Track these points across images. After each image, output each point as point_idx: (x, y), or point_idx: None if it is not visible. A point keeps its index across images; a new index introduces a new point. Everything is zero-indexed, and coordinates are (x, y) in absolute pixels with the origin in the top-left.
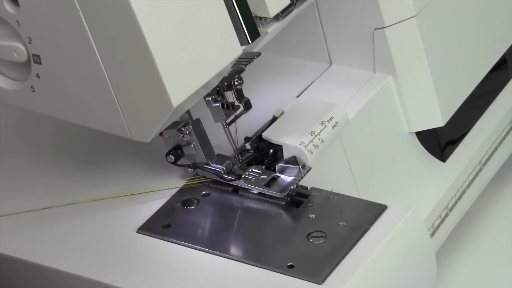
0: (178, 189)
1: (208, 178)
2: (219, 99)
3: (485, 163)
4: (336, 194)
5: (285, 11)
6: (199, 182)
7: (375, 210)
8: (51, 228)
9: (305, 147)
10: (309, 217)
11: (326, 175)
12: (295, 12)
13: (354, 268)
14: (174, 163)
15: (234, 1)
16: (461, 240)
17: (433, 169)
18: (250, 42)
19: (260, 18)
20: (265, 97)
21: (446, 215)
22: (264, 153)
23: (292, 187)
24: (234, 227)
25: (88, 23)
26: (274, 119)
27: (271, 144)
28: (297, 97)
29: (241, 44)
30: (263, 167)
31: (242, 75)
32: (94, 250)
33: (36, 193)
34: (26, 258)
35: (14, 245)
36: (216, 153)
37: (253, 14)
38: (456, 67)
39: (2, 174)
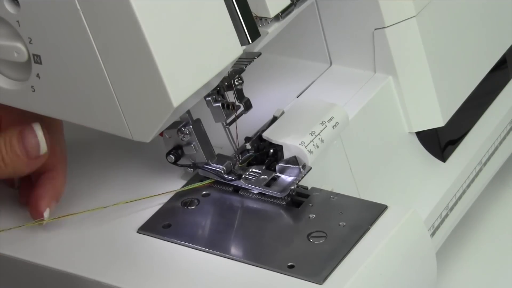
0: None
1: (210, 180)
2: (219, 99)
3: (485, 163)
4: (337, 194)
5: (286, 11)
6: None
7: (375, 210)
8: (51, 228)
9: (306, 147)
10: (309, 217)
11: (327, 175)
12: (296, 12)
13: (355, 268)
14: (175, 163)
15: (234, 1)
16: (461, 240)
17: (433, 169)
18: (250, 42)
19: (261, 18)
20: (266, 97)
21: (446, 215)
22: (264, 153)
23: (293, 187)
24: (235, 227)
25: (89, 23)
26: (274, 119)
27: (271, 144)
28: (298, 97)
29: (242, 44)
30: (264, 167)
31: (243, 75)
32: (94, 250)
33: None
34: (26, 258)
35: (14, 245)
36: (216, 153)
37: (253, 14)
38: (456, 67)
39: None
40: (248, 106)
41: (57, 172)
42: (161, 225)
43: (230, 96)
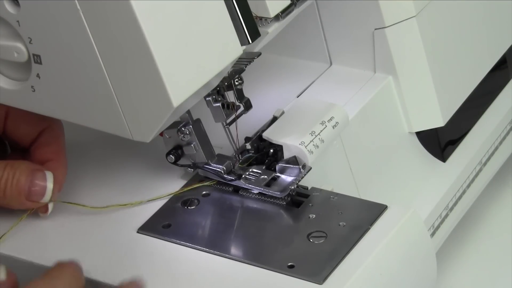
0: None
1: (211, 181)
2: (219, 99)
3: (485, 163)
4: (337, 194)
5: (286, 11)
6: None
7: (375, 210)
8: (51, 228)
9: (306, 147)
10: (309, 217)
11: (326, 175)
12: (296, 12)
13: (355, 268)
14: (175, 163)
15: (234, 1)
16: (461, 240)
17: (433, 169)
18: (250, 42)
19: (261, 18)
20: (266, 97)
21: (446, 215)
22: (264, 153)
23: (293, 187)
24: (235, 227)
25: (89, 23)
26: (274, 119)
27: (271, 144)
28: (298, 97)
29: (242, 44)
30: (264, 167)
31: (243, 75)
32: (94, 250)
33: None
34: (26, 258)
35: (14, 245)
36: (216, 153)
37: (253, 14)
38: (456, 67)
39: None
40: (248, 106)
41: (58, 162)
42: (161, 225)
43: (230, 96)
